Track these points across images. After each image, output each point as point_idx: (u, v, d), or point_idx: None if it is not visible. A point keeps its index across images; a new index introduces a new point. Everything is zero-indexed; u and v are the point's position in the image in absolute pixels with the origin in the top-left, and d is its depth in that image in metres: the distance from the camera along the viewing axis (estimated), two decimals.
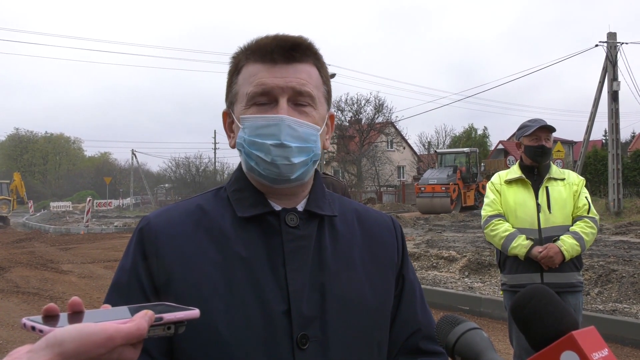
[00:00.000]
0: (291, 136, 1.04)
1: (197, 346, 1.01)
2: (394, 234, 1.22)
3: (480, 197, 28.98)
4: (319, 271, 1.07)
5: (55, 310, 0.74)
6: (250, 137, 1.05)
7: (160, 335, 0.77)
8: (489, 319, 6.95)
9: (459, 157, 29.85)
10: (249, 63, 1.09)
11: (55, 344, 0.66)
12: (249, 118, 1.06)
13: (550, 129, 3.60)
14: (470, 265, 9.41)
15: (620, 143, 22.17)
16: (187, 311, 0.78)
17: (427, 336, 1.18)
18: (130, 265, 1.06)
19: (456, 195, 26.89)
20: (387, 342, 1.15)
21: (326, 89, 1.14)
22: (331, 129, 1.19)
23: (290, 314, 1.02)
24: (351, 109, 43.81)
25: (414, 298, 1.21)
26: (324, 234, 1.12)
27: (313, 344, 1.02)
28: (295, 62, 1.07)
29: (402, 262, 1.21)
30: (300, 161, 1.05)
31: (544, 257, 3.44)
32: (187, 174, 51.42)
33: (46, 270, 11.90)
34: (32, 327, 0.71)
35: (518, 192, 3.66)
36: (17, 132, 71.93)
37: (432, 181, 27.18)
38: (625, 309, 6.67)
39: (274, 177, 1.06)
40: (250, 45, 1.10)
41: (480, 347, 0.80)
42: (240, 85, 1.10)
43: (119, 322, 0.71)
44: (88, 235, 21.57)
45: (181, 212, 1.11)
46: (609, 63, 20.46)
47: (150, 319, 0.73)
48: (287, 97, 1.05)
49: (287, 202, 1.11)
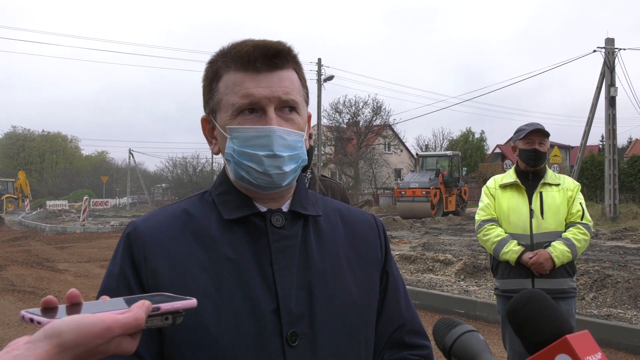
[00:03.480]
0: (282, 146, 1.06)
1: (187, 347, 1.02)
2: (377, 232, 1.25)
3: (462, 202, 28.32)
4: (305, 270, 1.09)
5: (53, 303, 0.74)
6: (241, 147, 1.07)
7: (158, 326, 0.77)
8: (484, 323, 6.96)
9: (441, 160, 28.92)
10: (230, 71, 1.09)
11: (53, 335, 0.67)
12: (239, 129, 1.07)
13: (544, 133, 3.59)
14: (466, 269, 9.42)
15: (617, 148, 22.25)
16: (184, 301, 0.79)
17: (412, 330, 1.21)
18: (119, 270, 1.06)
19: (437, 200, 25.98)
20: (373, 337, 1.17)
21: (305, 91, 1.17)
22: (309, 128, 1.21)
23: (279, 312, 1.04)
24: (349, 111, 43.86)
25: (398, 293, 1.23)
26: (309, 233, 1.14)
27: (302, 341, 1.04)
28: (277, 70, 1.08)
29: (386, 259, 1.24)
30: (291, 169, 1.08)
31: (534, 263, 3.45)
32: (184, 174, 51.26)
33: (42, 269, 11.86)
34: (30, 319, 0.71)
35: (512, 197, 3.66)
36: (14, 130, 71.70)
37: (413, 185, 26.22)
38: (620, 314, 6.69)
39: (265, 186, 1.08)
40: (229, 51, 1.10)
41: (476, 349, 0.82)
42: (222, 93, 1.10)
43: (116, 313, 0.72)
44: (84, 234, 21.49)
45: (167, 216, 1.13)
46: (606, 69, 20.51)
47: (148, 309, 0.74)
48: (273, 106, 1.07)
49: (272, 203, 1.13)
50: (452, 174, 27.59)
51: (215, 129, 1.14)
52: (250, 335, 1.02)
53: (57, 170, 69.34)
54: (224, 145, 1.11)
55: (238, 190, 1.13)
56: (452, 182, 27.33)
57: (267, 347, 1.02)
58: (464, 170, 32.50)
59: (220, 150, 1.14)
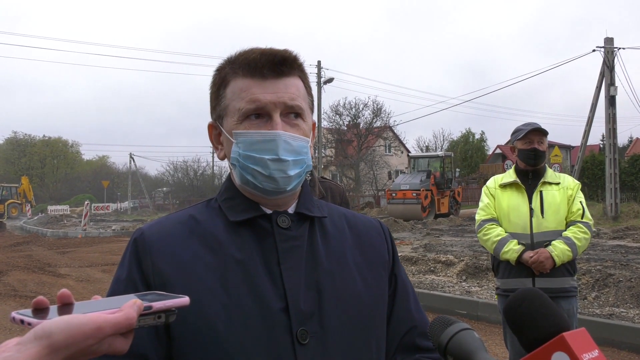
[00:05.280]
0: (287, 150, 1.08)
1: (196, 347, 1.02)
2: (383, 236, 1.26)
3: (456, 204, 27.52)
4: (313, 270, 1.10)
5: (44, 304, 0.74)
6: (246, 152, 1.08)
7: (150, 325, 0.77)
8: (486, 323, 6.95)
9: (433, 161, 28.08)
10: (237, 77, 1.11)
11: (43, 335, 0.66)
12: (245, 133, 1.09)
13: (542, 132, 3.60)
14: (467, 270, 9.42)
15: (618, 148, 22.25)
16: (176, 299, 0.79)
17: (423, 333, 1.20)
18: (126, 275, 1.07)
19: (428, 202, 25.09)
20: (385, 339, 1.17)
21: (310, 99, 1.18)
22: (313, 136, 1.22)
23: (288, 310, 1.04)
24: (349, 113, 43.91)
25: (408, 296, 1.24)
26: (316, 234, 1.15)
27: (313, 339, 1.04)
28: (284, 77, 1.10)
29: (394, 262, 1.25)
30: (296, 173, 1.10)
31: (534, 262, 3.45)
32: (185, 178, 51.34)
33: (44, 274, 11.87)
34: (20, 320, 0.71)
35: (512, 197, 3.67)
36: (15, 135, 71.81)
37: (404, 187, 25.45)
38: (622, 313, 6.68)
39: (270, 190, 1.09)
40: (236, 59, 1.12)
41: (472, 347, 0.82)
42: (229, 99, 1.11)
43: (107, 313, 0.71)
44: (86, 238, 21.51)
45: (174, 222, 1.14)
46: (606, 68, 20.53)
47: (139, 308, 0.74)
48: (279, 111, 1.09)
49: (278, 207, 1.14)
50: (445, 175, 26.87)
51: (221, 135, 1.16)
52: (259, 334, 1.02)
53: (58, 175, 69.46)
54: (229, 151, 1.13)
55: (244, 195, 1.15)
56: (445, 184, 26.56)
57: (277, 345, 1.02)
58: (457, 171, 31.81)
59: (226, 155, 1.15)
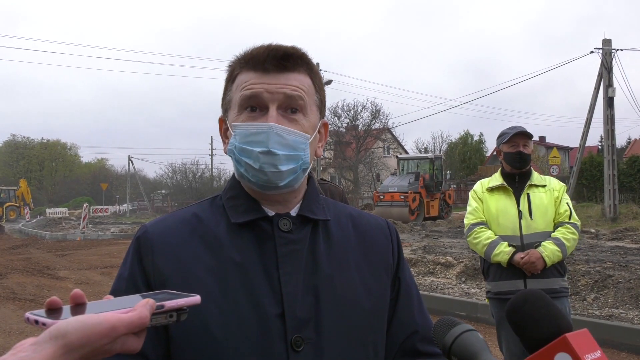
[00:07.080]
0: (279, 144, 1.06)
1: (191, 349, 1.02)
2: (389, 237, 1.24)
3: (447, 207, 27.01)
4: (312, 274, 1.09)
5: (58, 304, 0.75)
6: (241, 144, 1.08)
7: (163, 324, 0.77)
8: (485, 325, 6.95)
9: (422, 163, 27.67)
10: (243, 71, 1.11)
11: (58, 335, 0.67)
12: (240, 125, 1.09)
13: (527, 135, 3.66)
14: (466, 271, 9.42)
15: (616, 149, 22.27)
16: (188, 298, 0.79)
17: (425, 338, 1.19)
18: (128, 273, 1.08)
19: (417, 205, 24.64)
20: (384, 344, 1.16)
21: (319, 97, 1.16)
22: (325, 137, 1.20)
23: (284, 316, 1.04)
24: (348, 115, 43.89)
25: (411, 300, 1.22)
26: (318, 237, 1.13)
27: (308, 346, 1.04)
28: (287, 72, 1.09)
29: (398, 265, 1.22)
30: (289, 169, 1.07)
31: (525, 262, 3.48)
32: (184, 180, 51.32)
33: (42, 277, 11.85)
34: (35, 320, 0.71)
35: (500, 200, 3.70)
36: (14, 138, 71.73)
37: (392, 189, 24.94)
38: (621, 315, 6.69)
39: (262, 184, 1.08)
40: (244, 54, 1.13)
41: (476, 349, 0.82)
42: (233, 92, 1.13)
43: (121, 312, 0.72)
44: (84, 241, 21.48)
45: (177, 220, 1.14)
46: (604, 69, 20.57)
47: (152, 307, 0.75)
48: (277, 104, 1.08)
49: (280, 207, 1.13)
50: (435, 178, 26.38)
51: (228, 129, 1.15)
52: (254, 339, 1.02)
53: (56, 178, 69.34)
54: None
55: (247, 194, 1.14)
56: (434, 186, 26.10)
57: (271, 351, 1.02)
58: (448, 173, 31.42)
59: (227, 149, 1.14)
